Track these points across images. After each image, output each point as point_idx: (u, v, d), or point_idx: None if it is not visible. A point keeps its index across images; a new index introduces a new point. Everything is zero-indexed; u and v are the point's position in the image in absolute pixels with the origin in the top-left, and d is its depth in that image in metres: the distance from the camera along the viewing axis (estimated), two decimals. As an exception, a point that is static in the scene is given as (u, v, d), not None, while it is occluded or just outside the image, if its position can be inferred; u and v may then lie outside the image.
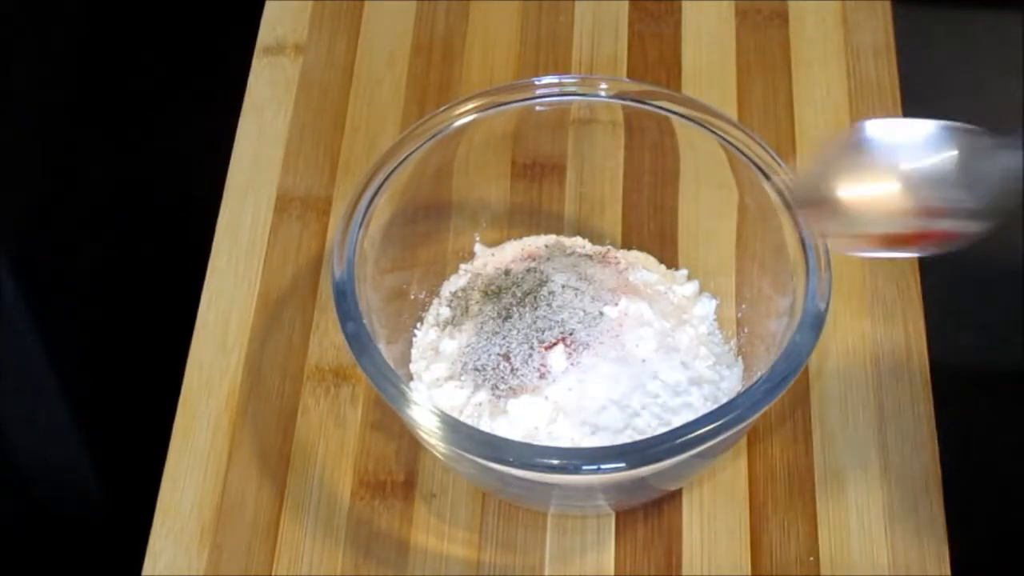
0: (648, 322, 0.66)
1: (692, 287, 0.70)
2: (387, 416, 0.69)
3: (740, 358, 0.68)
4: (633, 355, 0.64)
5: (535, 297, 0.66)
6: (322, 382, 0.71)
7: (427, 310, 0.71)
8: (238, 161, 0.79)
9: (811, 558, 0.65)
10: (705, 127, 0.67)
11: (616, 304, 0.66)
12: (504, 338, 0.65)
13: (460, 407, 0.65)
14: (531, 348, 0.64)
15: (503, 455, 0.58)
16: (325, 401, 0.70)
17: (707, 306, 0.70)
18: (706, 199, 0.70)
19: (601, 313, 0.65)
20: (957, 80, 0.86)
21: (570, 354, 0.64)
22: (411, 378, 0.68)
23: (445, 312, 0.69)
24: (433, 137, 0.67)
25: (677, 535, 0.66)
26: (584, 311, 0.65)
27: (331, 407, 0.70)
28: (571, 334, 0.64)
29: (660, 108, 0.67)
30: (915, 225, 0.54)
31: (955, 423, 0.69)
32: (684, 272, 0.71)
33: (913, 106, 0.79)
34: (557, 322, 0.65)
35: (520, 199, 0.74)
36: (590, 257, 0.70)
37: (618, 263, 0.69)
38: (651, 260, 0.72)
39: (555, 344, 0.64)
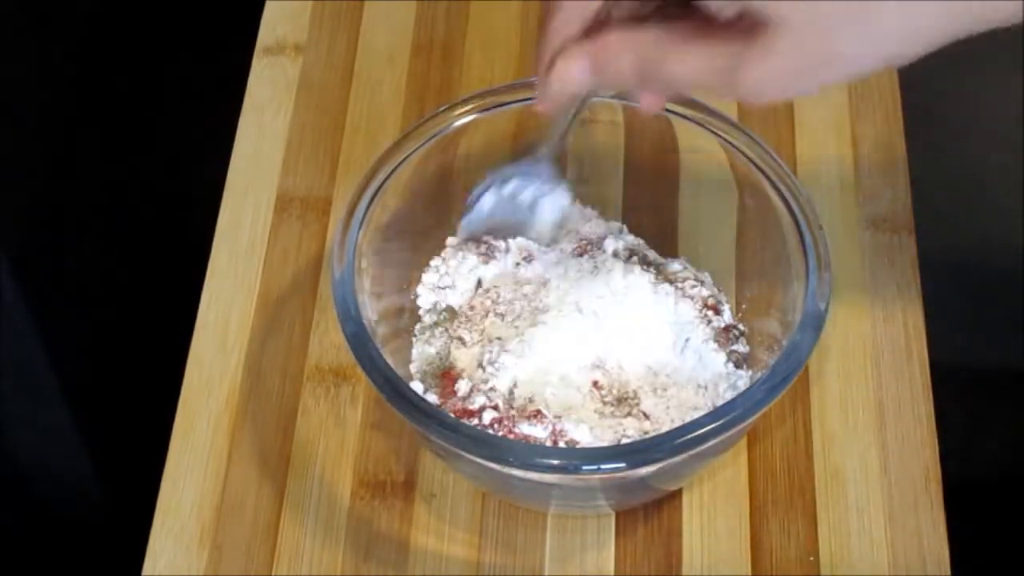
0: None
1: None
2: (387, 416, 0.69)
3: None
4: None
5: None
6: (322, 382, 0.71)
7: (427, 310, 0.71)
8: (238, 161, 0.79)
9: (811, 558, 0.65)
10: (705, 127, 0.67)
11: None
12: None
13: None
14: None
15: (503, 455, 0.58)
16: (325, 401, 0.70)
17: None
18: (706, 199, 0.70)
19: None
20: (957, 81, 0.86)
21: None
22: (411, 378, 0.68)
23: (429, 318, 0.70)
24: (433, 137, 0.67)
25: (677, 535, 0.66)
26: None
27: (331, 407, 0.70)
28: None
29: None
30: None
31: (955, 423, 0.69)
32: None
33: (912, 106, 0.79)
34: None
35: (520, 199, 0.74)
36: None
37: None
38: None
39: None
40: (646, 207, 0.72)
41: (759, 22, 0.50)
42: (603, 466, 0.58)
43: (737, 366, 0.67)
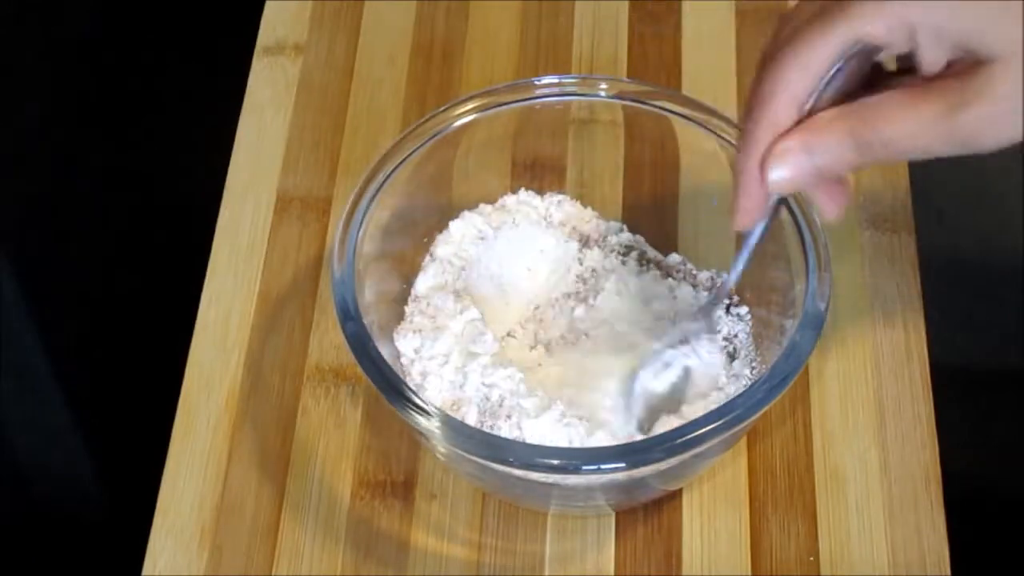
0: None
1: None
2: (387, 416, 0.69)
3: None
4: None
5: None
6: (322, 382, 0.71)
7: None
8: (238, 161, 0.79)
9: (811, 558, 0.65)
10: (705, 127, 0.67)
11: None
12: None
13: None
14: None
15: (503, 455, 0.58)
16: (325, 401, 0.70)
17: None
18: (706, 199, 0.70)
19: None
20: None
21: None
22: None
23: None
24: (433, 137, 0.67)
25: (677, 535, 0.66)
26: None
27: (331, 407, 0.70)
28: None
29: (660, 108, 0.68)
30: None
31: (955, 423, 0.69)
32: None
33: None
34: None
35: (520, 199, 0.74)
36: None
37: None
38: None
39: None
40: (646, 207, 0.72)
41: (976, 62, 0.49)
42: (603, 466, 0.58)
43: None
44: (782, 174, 0.53)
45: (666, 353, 0.65)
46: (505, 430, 0.63)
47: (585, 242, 0.71)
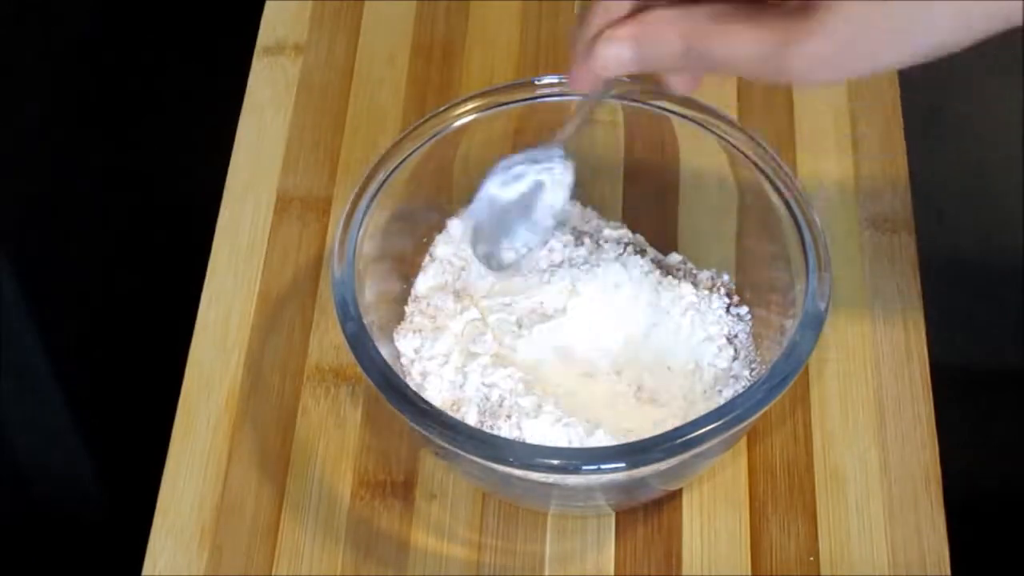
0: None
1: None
2: (387, 416, 0.69)
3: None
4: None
5: None
6: (322, 382, 0.71)
7: (427, 310, 0.71)
8: (238, 161, 0.79)
9: (811, 558, 0.65)
10: (705, 127, 0.67)
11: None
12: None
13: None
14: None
15: (503, 455, 0.58)
16: (325, 401, 0.70)
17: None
18: (706, 199, 0.70)
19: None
20: (957, 80, 0.86)
21: None
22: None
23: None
24: (433, 137, 0.67)
25: (677, 535, 0.66)
26: None
27: (331, 407, 0.70)
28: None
29: (660, 108, 0.67)
30: None
31: (955, 423, 0.69)
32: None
33: (913, 106, 0.79)
34: None
35: (520, 199, 0.74)
36: None
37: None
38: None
39: None
40: (646, 207, 0.72)
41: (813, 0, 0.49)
42: (603, 466, 0.58)
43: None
44: (606, 59, 0.54)
45: (518, 167, 0.64)
46: (505, 430, 0.63)
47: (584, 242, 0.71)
